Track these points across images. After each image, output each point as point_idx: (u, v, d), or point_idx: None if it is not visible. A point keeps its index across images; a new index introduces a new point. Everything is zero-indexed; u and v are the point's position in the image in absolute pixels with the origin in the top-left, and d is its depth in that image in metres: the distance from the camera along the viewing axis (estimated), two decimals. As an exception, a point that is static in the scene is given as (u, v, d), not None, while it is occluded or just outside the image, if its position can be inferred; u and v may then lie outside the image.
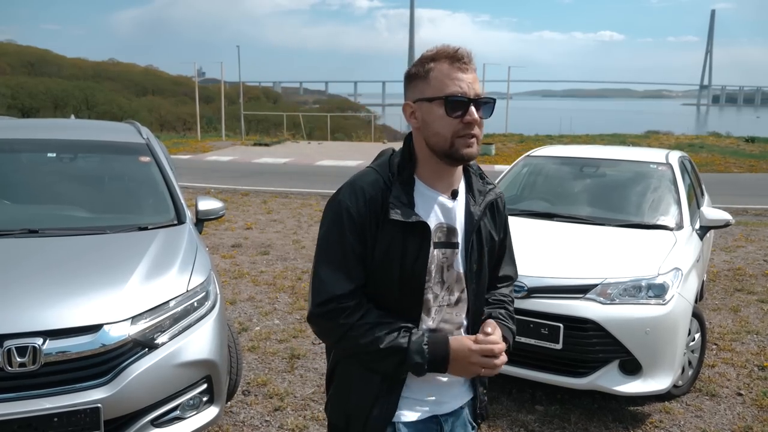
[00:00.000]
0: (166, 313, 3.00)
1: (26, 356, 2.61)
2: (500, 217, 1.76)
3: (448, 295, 1.63)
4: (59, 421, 2.63)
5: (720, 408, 3.98)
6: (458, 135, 1.54)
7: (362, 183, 1.59)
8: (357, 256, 1.56)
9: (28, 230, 3.40)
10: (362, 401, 1.61)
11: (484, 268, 1.69)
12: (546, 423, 3.74)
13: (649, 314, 3.65)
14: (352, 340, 1.55)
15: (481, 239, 1.67)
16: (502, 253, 1.81)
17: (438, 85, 1.54)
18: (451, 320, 1.65)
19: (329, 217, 1.60)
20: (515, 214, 4.89)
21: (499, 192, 1.76)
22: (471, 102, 1.53)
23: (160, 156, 4.25)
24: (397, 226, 1.55)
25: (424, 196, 1.60)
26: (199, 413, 3.10)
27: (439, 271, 1.61)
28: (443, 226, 1.61)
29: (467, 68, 1.55)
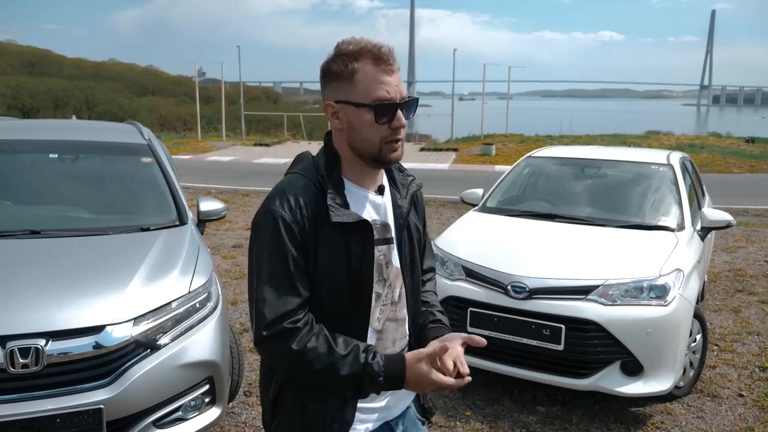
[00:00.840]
0: (168, 314, 3.00)
1: (29, 357, 2.61)
2: (422, 208, 1.77)
3: (391, 292, 1.60)
4: (62, 422, 2.63)
5: (721, 409, 3.98)
6: (386, 141, 1.50)
7: (294, 189, 1.51)
8: (300, 267, 1.47)
9: (30, 231, 3.40)
10: (319, 423, 1.53)
11: (416, 260, 1.68)
12: (547, 424, 3.74)
13: (651, 315, 3.65)
14: (306, 365, 1.45)
15: (411, 231, 1.66)
16: (424, 243, 1.80)
17: (365, 90, 1.48)
18: (394, 317, 1.62)
19: (264, 231, 1.49)
20: (516, 215, 4.90)
21: (419, 183, 1.74)
22: (398, 107, 1.49)
23: (161, 157, 4.25)
24: (338, 228, 1.49)
25: (355, 195, 1.56)
26: (201, 414, 3.10)
27: (379, 269, 1.57)
28: (377, 222, 1.57)
29: (392, 69, 1.50)
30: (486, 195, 5.28)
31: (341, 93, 1.51)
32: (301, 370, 1.47)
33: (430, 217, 10.43)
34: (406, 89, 1.53)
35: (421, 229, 1.74)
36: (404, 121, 1.50)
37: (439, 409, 3.91)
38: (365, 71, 1.48)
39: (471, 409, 3.91)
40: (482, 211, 5.07)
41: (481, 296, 3.90)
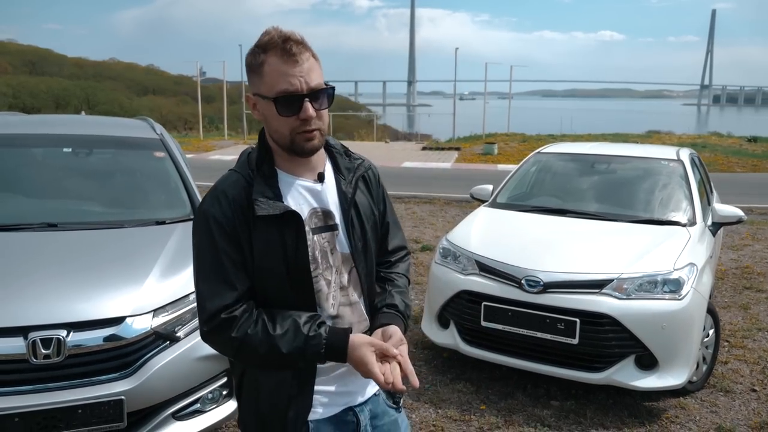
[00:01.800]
0: (186, 306, 3.00)
1: (51, 348, 2.62)
2: (376, 189, 1.74)
3: (339, 277, 1.60)
4: (83, 412, 2.64)
5: (735, 404, 3.99)
6: (297, 132, 1.49)
7: (223, 186, 1.54)
8: (234, 263, 1.49)
9: (47, 224, 3.41)
10: (276, 404, 1.56)
11: (368, 243, 1.65)
12: (562, 418, 3.75)
13: (666, 309, 3.66)
14: (250, 350, 1.48)
15: (360, 216, 1.64)
16: (386, 225, 1.78)
17: (270, 83, 1.47)
18: (348, 302, 1.62)
19: (198, 230, 1.54)
20: (527, 210, 4.91)
21: (368, 165, 1.73)
22: (305, 97, 1.47)
23: (174, 151, 4.26)
24: (268, 221, 1.49)
25: (290, 185, 1.56)
26: (219, 407, 3.11)
27: (324, 256, 1.57)
28: (317, 210, 1.58)
29: (297, 59, 1.46)
30: (496, 191, 5.29)
31: (254, 85, 1.52)
32: (248, 356, 1.51)
33: (435, 215, 10.44)
34: (319, 79, 1.50)
35: (376, 211, 1.71)
36: (311, 112, 1.47)
37: (453, 403, 3.91)
38: (270, 63, 1.47)
39: (485, 402, 3.92)
40: (493, 207, 5.08)
41: (495, 290, 3.90)
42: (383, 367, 1.46)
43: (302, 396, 1.55)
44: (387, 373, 1.45)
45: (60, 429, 2.63)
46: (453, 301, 4.09)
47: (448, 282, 4.15)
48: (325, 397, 1.59)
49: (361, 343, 1.48)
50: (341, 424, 1.62)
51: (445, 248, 4.38)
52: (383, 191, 1.77)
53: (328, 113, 1.60)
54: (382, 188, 1.77)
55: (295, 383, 1.55)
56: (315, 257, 1.55)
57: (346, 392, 1.63)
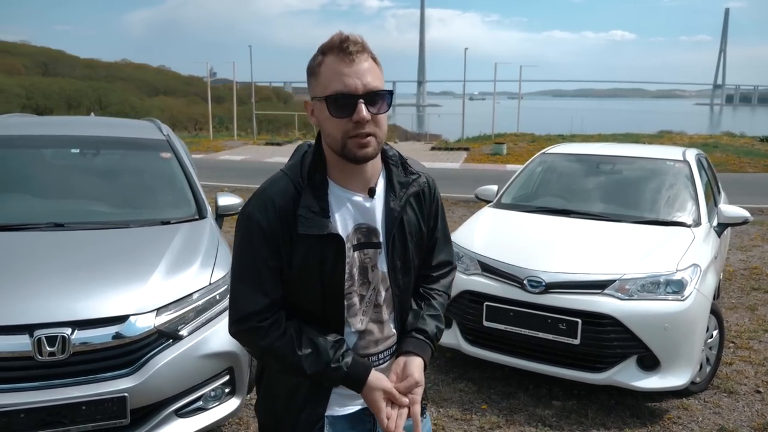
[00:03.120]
0: (189, 305, 3.04)
1: (56, 345, 2.67)
2: (429, 206, 1.68)
3: (375, 294, 1.59)
4: (87, 409, 2.68)
5: (738, 405, 3.98)
6: (349, 135, 1.43)
7: (272, 192, 1.50)
8: (271, 269, 1.49)
9: (54, 224, 3.46)
10: (291, 405, 1.59)
11: (410, 263, 1.62)
12: (563, 418, 3.75)
13: (668, 310, 3.66)
14: (274, 359, 1.53)
15: (405, 235, 1.59)
16: (433, 241, 1.73)
17: (325, 83, 1.43)
18: (378, 319, 1.61)
19: (241, 230, 1.53)
20: (532, 211, 4.91)
21: (424, 181, 1.65)
22: (359, 98, 1.41)
23: (180, 152, 4.31)
24: (310, 237, 1.47)
25: (339, 198, 1.53)
26: (221, 404, 3.15)
27: (363, 272, 1.56)
28: (362, 227, 1.55)
29: (354, 59, 1.41)
30: (501, 191, 5.30)
31: (311, 89, 1.49)
32: (271, 363, 1.57)
33: (443, 215, 10.43)
34: (377, 81, 1.44)
35: (424, 229, 1.66)
36: (364, 114, 1.41)
37: (455, 402, 3.93)
38: (327, 63, 1.44)
39: (487, 402, 3.93)
40: (497, 207, 5.09)
41: (497, 290, 3.91)
42: (390, 412, 1.51)
43: (318, 399, 1.57)
44: (392, 419, 1.49)
45: (64, 425, 2.67)
46: (455, 301, 4.10)
47: (450, 282, 4.16)
48: (342, 397, 1.59)
49: (375, 387, 1.51)
50: (357, 422, 1.62)
51: (449, 248, 4.39)
52: (438, 206, 1.72)
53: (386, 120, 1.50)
54: (436, 203, 1.71)
55: (313, 388, 1.56)
56: (352, 274, 1.54)
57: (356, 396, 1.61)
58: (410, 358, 1.59)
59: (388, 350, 1.64)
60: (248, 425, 3.62)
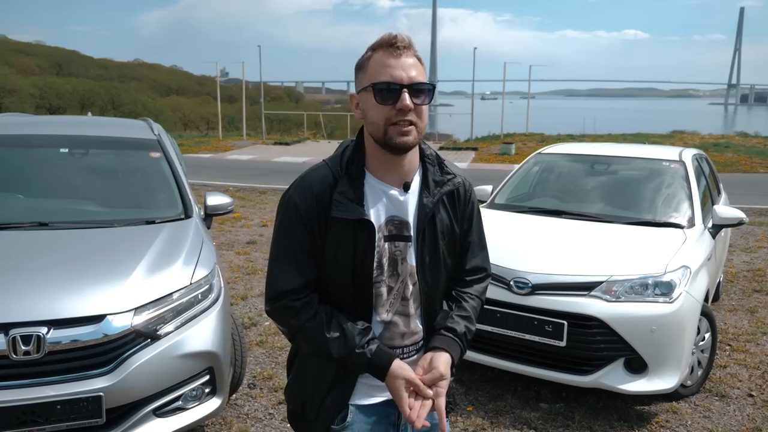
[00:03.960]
0: (169, 304, 3.04)
1: (31, 345, 2.67)
2: (463, 207, 1.72)
3: (403, 287, 1.64)
4: (62, 408, 2.69)
5: (729, 409, 3.92)
6: (391, 122, 1.52)
7: (311, 179, 1.60)
8: (306, 251, 1.58)
9: (39, 223, 3.47)
10: (317, 389, 1.65)
11: (439, 260, 1.66)
12: (550, 421, 3.72)
13: (656, 312, 3.61)
14: (304, 339, 1.61)
15: (435, 232, 1.64)
16: (467, 244, 1.76)
17: (372, 74, 1.54)
18: (404, 312, 1.65)
19: (280, 214, 1.62)
20: (524, 212, 4.88)
21: (459, 182, 1.70)
22: (403, 88, 1.50)
23: (170, 152, 4.30)
24: (343, 221, 1.55)
25: (375, 190, 1.60)
26: (201, 404, 3.14)
27: (393, 264, 1.61)
28: (395, 219, 1.61)
29: (401, 53, 1.52)
30: (494, 191, 5.26)
31: (359, 82, 1.59)
32: (300, 343, 1.65)
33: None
34: (421, 76, 1.54)
35: (457, 229, 1.70)
36: (408, 102, 1.50)
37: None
38: (375, 57, 1.54)
39: (473, 404, 3.90)
40: (490, 208, 5.05)
41: (484, 292, 3.87)
42: (413, 402, 1.53)
43: (343, 386, 1.62)
44: (414, 409, 1.51)
45: (39, 424, 2.68)
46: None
47: (439, 283, 4.13)
48: (369, 387, 1.64)
49: (398, 375, 1.54)
50: (381, 415, 1.66)
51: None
52: (473, 210, 1.75)
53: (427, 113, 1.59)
54: (471, 206, 1.75)
55: (339, 373, 1.61)
56: (381, 264, 1.59)
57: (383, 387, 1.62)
58: (437, 353, 1.60)
59: (414, 345, 1.67)
60: (231, 425, 3.62)
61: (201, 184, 12.72)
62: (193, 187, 11.61)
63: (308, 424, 1.68)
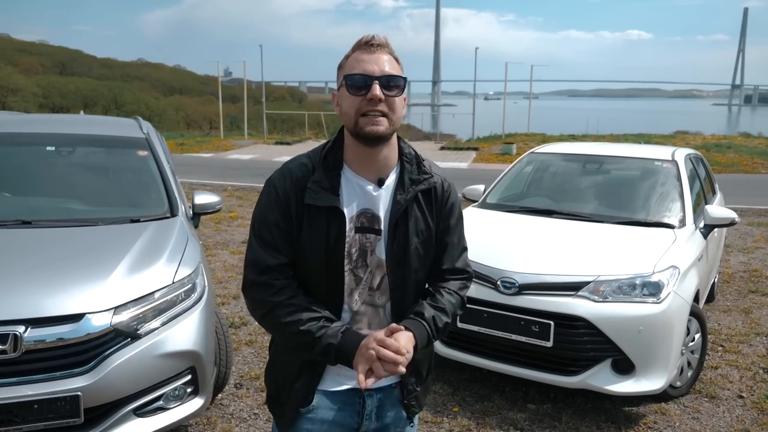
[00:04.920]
0: (150, 303, 3.02)
1: (7, 343, 2.65)
2: (439, 207, 1.74)
3: (371, 278, 1.69)
4: (39, 408, 2.66)
5: (719, 410, 3.89)
6: (362, 113, 1.57)
7: (291, 165, 1.69)
8: (282, 231, 1.65)
9: (22, 221, 3.46)
10: (288, 374, 1.73)
11: (410, 256, 1.68)
12: (536, 422, 3.69)
13: (643, 312, 3.58)
14: (276, 318, 1.64)
15: (407, 228, 1.67)
16: (445, 245, 1.77)
17: (347, 70, 1.61)
18: (372, 303, 1.70)
19: (262, 195, 1.71)
20: (515, 211, 4.85)
21: (435, 182, 1.73)
22: (374, 79, 1.56)
23: (158, 150, 4.28)
24: (315, 209, 1.62)
25: (350, 182, 1.66)
26: (183, 404, 3.11)
27: (362, 254, 1.67)
28: (367, 212, 1.67)
29: (374, 50, 1.60)
30: (486, 191, 5.23)
31: (338, 80, 1.66)
32: (271, 324, 1.67)
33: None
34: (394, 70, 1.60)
35: (432, 227, 1.72)
36: (378, 92, 1.56)
37: (427, 404, 3.88)
38: (353, 55, 1.62)
39: (460, 405, 3.88)
40: (482, 207, 5.02)
41: (471, 291, 3.83)
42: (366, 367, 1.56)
43: (312, 371, 1.69)
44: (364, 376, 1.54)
45: (17, 423, 2.66)
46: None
47: (427, 282, 4.11)
48: (337, 374, 1.70)
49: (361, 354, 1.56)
50: (346, 402, 1.72)
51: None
52: (452, 211, 1.78)
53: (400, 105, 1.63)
54: (450, 207, 1.77)
55: (309, 361, 1.67)
56: (350, 253, 1.65)
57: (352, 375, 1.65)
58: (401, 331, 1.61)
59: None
60: (215, 425, 3.60)
61: (200, 183, 12.71)
62: (192, 186, 11.59)
63: (281, 407, 1.76)
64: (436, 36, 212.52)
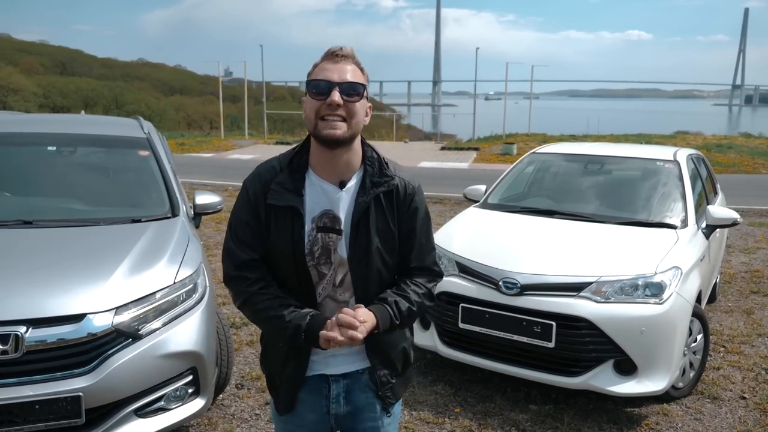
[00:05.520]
0: (151, 304, 3.01)
1: (8, 344, 2.64)
2: (402, 209, 1.82)
3: (334, 275, 1.79)
4: (40, 408, 2.66)
5: (721, 411, 3.88)
6: (321, 116, 1.68)
7: (262, 168, 1.82)
8: (253, 230, 1.78)
9: (23, 221, 3.45)
10: (277, 361, 1.87)
11: (372, 255, 1.77)
12: (538, 423, 3.68)
13: (645, 313, 3.57)
14: (253, 305, 1.78)
15: (369, 228, 1.76)
16: (410, 245, 1.85)
17: (313, 77, 1.73)
18: (334, 298, 1.81)
19: (238, 196, 1.84)
20: (516, 212, 4.84)
21: (395, 184, 1.80)
22: (334, 85, 1.67)
23: (159, 150, 4.28)
24: (277, 208, 1.75)
25: (314, 184, 1.78)
26: (184, 405, 3.11)
27: (326, 253, 1.78)
28: (329, 213, 1.77)
29: (338, 60, 1.71)
30: (488, 191, 5.22)
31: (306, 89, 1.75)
32: (249, 311, 1.81)
33: (444, 215, 10.37)
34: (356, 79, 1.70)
35: (393, 228, 1.80)
36: (336, 98, 1.66)
37: (429, 405, 3.87)
38: (319, 65, 1.74)
39: (461, 405, 3.87)
40: (483, 208, 5.01)
41: (473, 292, 3.85)
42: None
43: (298, 359, 1.82)
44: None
45: (18, 424, 2.66)
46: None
47: (428, 283, 4.10)
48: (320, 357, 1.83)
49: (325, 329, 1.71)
50: (314, 387, 1.86)
51: (428, 249, 4.33)
52: (416, 213, 1.84)
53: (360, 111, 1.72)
54: (415, 209, 1.84)
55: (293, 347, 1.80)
56: (313, 251, 1.76)
57: (323, 361, 1.84)
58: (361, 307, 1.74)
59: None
60: (216, 425, 3.59)
61: (200, 183, 12.71)
62: (192, 186, 11.57)
63: (276, 390, 1.91)
64: (436, 36, 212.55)
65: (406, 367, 1.94)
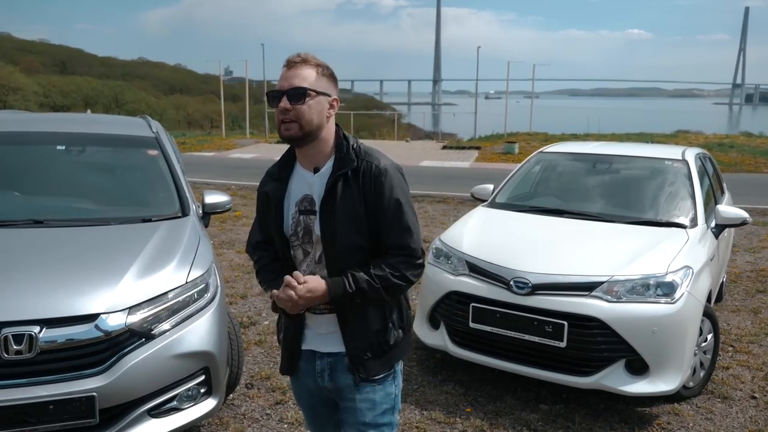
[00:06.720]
0: (164, 304, 3.01)
1: (23, 344, 2.64)
2: (368, 187, 1.92)
3: (315, 252, 2.00)
4: (54, 408, 2.66)
5: (732, 411, 3.87)
6: (279, 121, 1.91)
7: (271, 166, 2.12)
8: (261, 218, 2.12)
9: (33, 221, 3.45)
10: (281, 326, 2.15)
11: (338, 232, 1.92)
12: (549, 422, 3.68)
13: (657, 313, 3.57)
14: (258, 274, 2.13)
15: (335, 207, 1.92)
16: (380, 224, 1.94)
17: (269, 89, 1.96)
18: (316, 273, 1.98)
19: None
20: (525, 211, 4.83)
21: (361, 164, 1.93)
22: (282, 94, 1.87)
23: (168, 150, 4.27)
24: (264, 194, 2.06)
25: (298, 174, 2.02)
26: (196, 404, 3.11)
27: (308, 233, 1.99)
28: (307, 196, 1.98)
29: (290, 68, 1.90)
30: (496, 190, 5.22)
31: None
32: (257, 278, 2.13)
33: (447, 214, 10.36)
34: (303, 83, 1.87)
35: (360, 207, 1.92)
36: (284, 104, 1.87)
37: (440, 404, 3.87)
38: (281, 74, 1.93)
39: (472, 405, 3.86)
40: (491, 207, 5.01)
41: (484, 291, 3.84)
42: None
43: (294, 330, 2.07)
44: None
45: (32, 424, 2.65)
46: (443, 302, 4.04)
47: (438, 282, 4.10)
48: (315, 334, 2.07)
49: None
50: (308, 359, 2.09)
51: (438, 248, 4.33)
52: (382, 191, 1.92)
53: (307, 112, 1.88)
54: (380, 188, 1.92)
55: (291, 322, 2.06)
56: (297, 231, 2.00)
57: (312, 337, 2.07)
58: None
59: (326, 305, 1.97)
60: (227, 425, 3.58)
61: (203, 182, 12.68)
62: (195, 185, 11.58)
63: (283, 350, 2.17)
64: (436, 35, 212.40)
65: (384, 350, 2.02)
